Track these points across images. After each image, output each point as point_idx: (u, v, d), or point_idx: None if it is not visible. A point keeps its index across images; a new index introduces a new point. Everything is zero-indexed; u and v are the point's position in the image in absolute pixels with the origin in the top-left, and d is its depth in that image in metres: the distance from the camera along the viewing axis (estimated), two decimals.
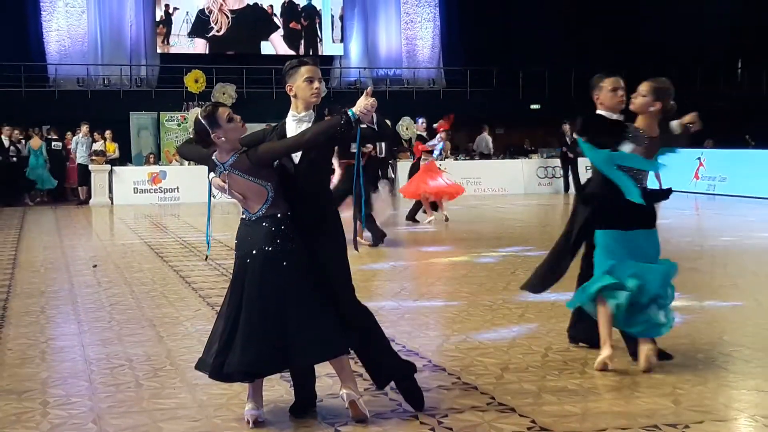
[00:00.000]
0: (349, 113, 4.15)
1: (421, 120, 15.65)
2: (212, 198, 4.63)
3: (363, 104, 4.16)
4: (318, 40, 28.85)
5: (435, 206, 14.27)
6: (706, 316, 6.61)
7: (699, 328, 6.11)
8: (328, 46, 29.00)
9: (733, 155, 20.60)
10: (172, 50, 27.43)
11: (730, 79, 28.86)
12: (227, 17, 27.78)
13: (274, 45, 28.41)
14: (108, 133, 20.04)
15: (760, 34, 25.59)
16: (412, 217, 14.44)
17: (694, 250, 10.58)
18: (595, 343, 5.25)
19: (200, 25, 27.64)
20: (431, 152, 14.35)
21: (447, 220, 14.22)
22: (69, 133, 20.79)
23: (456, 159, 22.71)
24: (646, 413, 4.36)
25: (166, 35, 27.42)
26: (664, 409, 4.43)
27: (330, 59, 28.95)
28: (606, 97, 5.33)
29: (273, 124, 4.52)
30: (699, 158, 20.46)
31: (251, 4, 28.05)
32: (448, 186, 14.13)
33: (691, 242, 11.26)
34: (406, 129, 23.89)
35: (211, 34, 27.65)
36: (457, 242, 12.02)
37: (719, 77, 27.87)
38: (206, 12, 27.65)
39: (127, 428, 4.31)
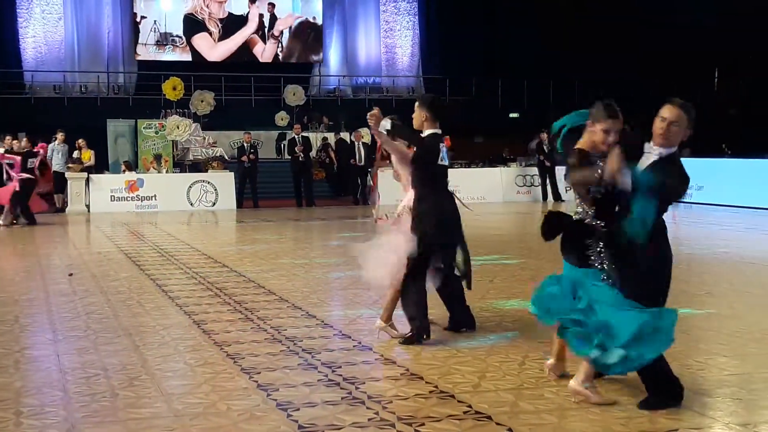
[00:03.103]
0: None
1: None
2: None
3: None
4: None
5: None
6: (681, 325, 6.54)
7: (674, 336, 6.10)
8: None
9: (709, 164, 20.76)
10: (140, 58, 27.34)
11: (707, 88, 29.11)
12: (218, 25, 27.82)
13: (254, 53, 28.41)
14: (82, 141, 19.90)
15: (736, 43, 25.86)
16: None
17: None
18: None
19: (190, 31, 27.62)
20: None
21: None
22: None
23: None
24: (621, 422, 4.38)
25: (134, 43, 27.37)
26: (639, 416, 4.44)
27: (309, 67, 28.95)
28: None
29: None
30: None
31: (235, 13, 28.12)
32: None
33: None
34: None
35: (204, 41, 27.68)
36: None
37: (696, 87, 28.13)
38: (197, 17, 27.64)
39: None
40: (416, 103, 6.38)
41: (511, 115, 27.87)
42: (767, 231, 14.69)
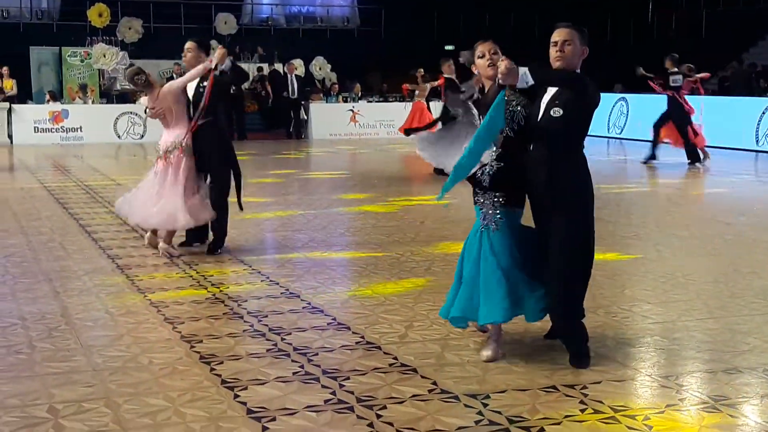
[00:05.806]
0: None
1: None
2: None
3: None
4: None
5: None
6: (608, 270, 6.69)
7: (600, 282, 6.17)
8: None
9: (642, 99, 21.01)
10: None
11: (642, 23, 29.23)
12: None
13: None
14: (5, 69, 19.14)
15: None
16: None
17: (600, 198, 10.73)
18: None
19: None
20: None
21: None
22: None
23: (369, 102, 22.49)
24: (545, 374, 4.39)
25: None
26: (563, 369, 4.46)
27: None
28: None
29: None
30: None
31: None
32: None
33: (597, 190, 11.41)
34: (319, 69, 23.53)
35: None
36: (368, 189, 11.89)
37: (630, 23, 28.26)
38: None
39: (16, 395, 4.12)
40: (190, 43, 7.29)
41: (447, 47, 27.57)
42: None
